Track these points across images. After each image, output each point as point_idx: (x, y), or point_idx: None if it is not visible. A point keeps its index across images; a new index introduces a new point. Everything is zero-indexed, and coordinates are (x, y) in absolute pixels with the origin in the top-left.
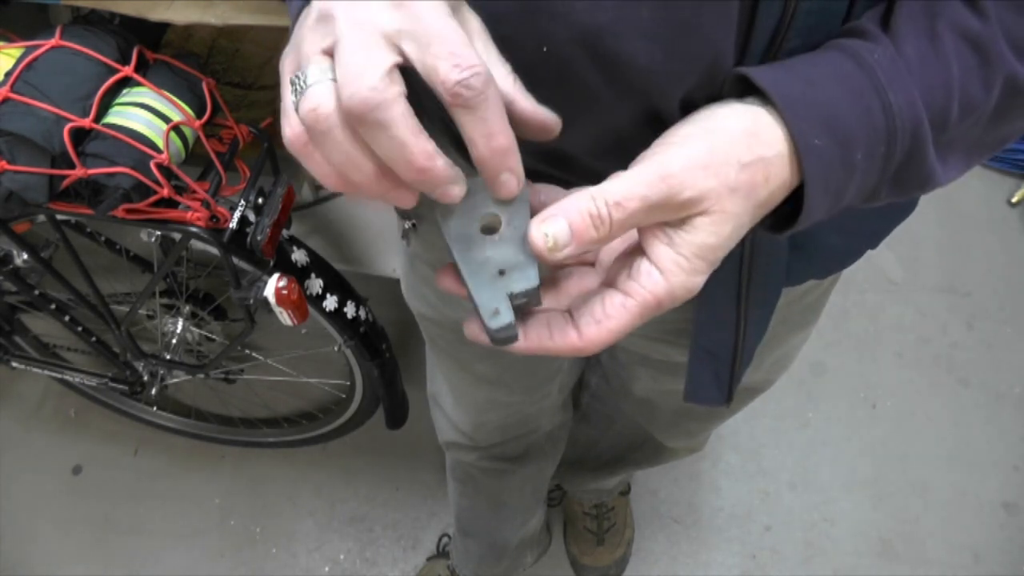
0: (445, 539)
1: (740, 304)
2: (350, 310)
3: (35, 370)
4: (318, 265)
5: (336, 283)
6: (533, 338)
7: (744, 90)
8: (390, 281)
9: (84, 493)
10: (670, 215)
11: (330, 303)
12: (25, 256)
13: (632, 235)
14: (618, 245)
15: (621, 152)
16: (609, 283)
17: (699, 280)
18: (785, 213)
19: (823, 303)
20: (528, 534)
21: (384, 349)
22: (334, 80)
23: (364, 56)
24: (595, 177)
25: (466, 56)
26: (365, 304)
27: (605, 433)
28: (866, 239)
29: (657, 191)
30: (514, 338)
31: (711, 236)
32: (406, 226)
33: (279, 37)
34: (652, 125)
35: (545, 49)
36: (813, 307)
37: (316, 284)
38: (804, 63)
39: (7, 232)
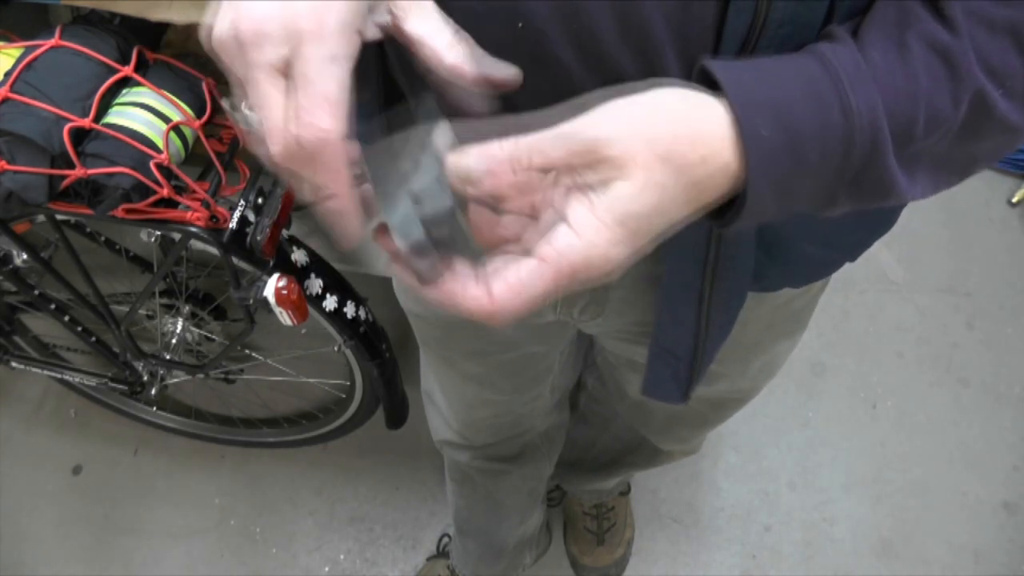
0: (445, 539)
1: (702, 305)
2: (350, 310)
3: (35, 370)
4: (318, 265)
5: (336, 283)
6: (446, 289)
7: (709, 87)
8: (390, 281)
9: (84, 493)
10: (592, 172)
11: (330, 303)
12: (25, 256)
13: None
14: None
15: None
16: (528, 248)
17: (619, 251)
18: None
19: (810, 311)
20: (526, 534)
21: (384, 349)
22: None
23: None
24: None
25: (315, 114)
26: (365, 304)
27: (602, 434)
28: (843, 251)
29: (579, 142)
30: (433, 268)
31: (633, 202)
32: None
33: None
34: None
35: (520, 25)
36: (799, 315)
37: (316, 284)
38: (767, 60)
39: (7, 232)
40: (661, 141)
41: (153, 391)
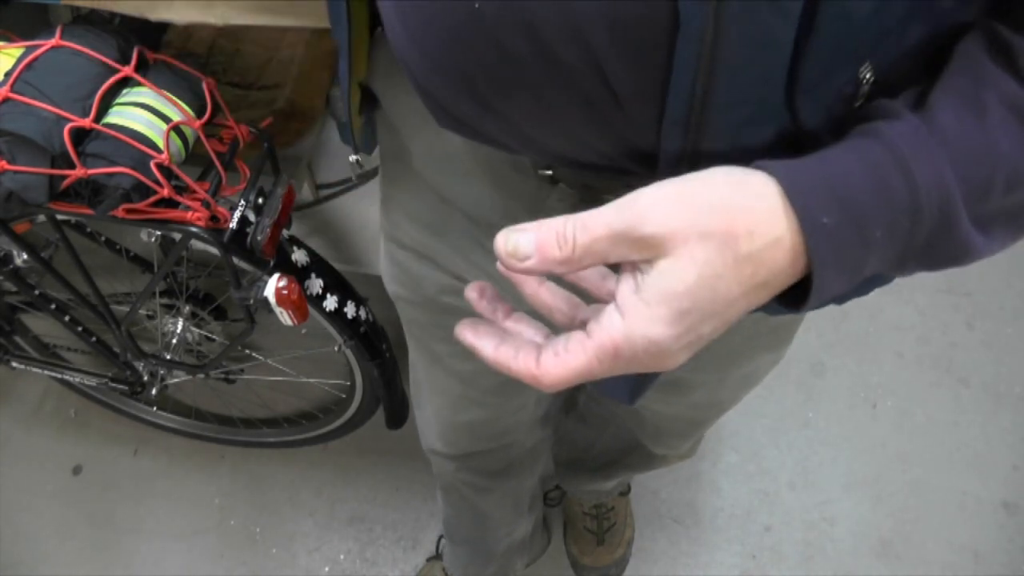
0: (443, 540)
1: None
2: (350, 310)
3: (35, 370)
4: (318, 265)
5: (336, 283)
6: (502, 352)
7: None
8: None
9: (84, 493)
10: (636, 252)
11: (330, 303)
12: (25, 256)
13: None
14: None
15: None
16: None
17: (660, 331)
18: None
19: (795, 327)
20: (515, 541)
21: (384, 349)
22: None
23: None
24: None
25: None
26: (365, 304)
27: (601, 435)
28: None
29: (620, 221)
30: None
31: (674, 281)
32: (351, 159)
33: (279, 37)
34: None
35: (476, 6)
36: (781, 330)
37: (316, 284)
38: (817, 152)
39: (7, 232)
40: (701, 216)
41: (153, 391)
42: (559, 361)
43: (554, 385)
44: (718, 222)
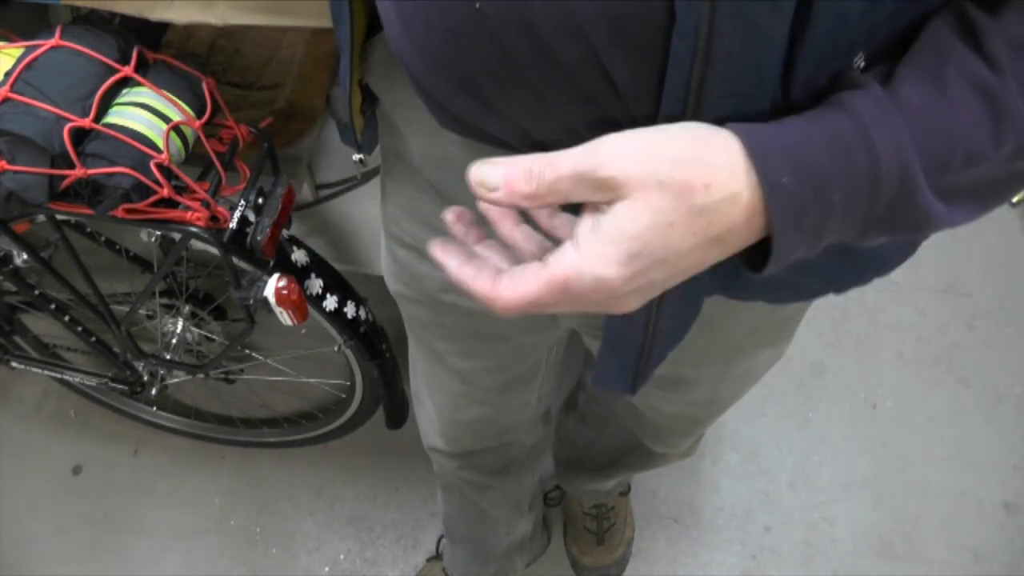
0: (443, 540)
1: (651, 310)
2: (350, 310)
3: (35, 370)
4: (318, 265)
5: (336, 283)
6: (464, 270)
7: None
8: None
9: (84, 493)
10: (596, 193)
11: (330, 303)
12: (25, 256)
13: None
14: None
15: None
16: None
17: (609, 270)
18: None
19: (796, 321)
20: (514, 541)
21: (384, 349)
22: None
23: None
24: None
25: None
26: (365, 304)
27: (601, 435)
28: (825, 281)
29: (584, 162)
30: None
31: (627, 223)
32: (354, 158)
33: (279, 37)
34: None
35: (477, 6)
36: (784, 325)
37: (316, 284)
38: (783, 119)
39: (7, 232)
40: (661, 165)
41: (153, 391)
42: (513, 285)
43: (507, 308)
44: (677, 173)
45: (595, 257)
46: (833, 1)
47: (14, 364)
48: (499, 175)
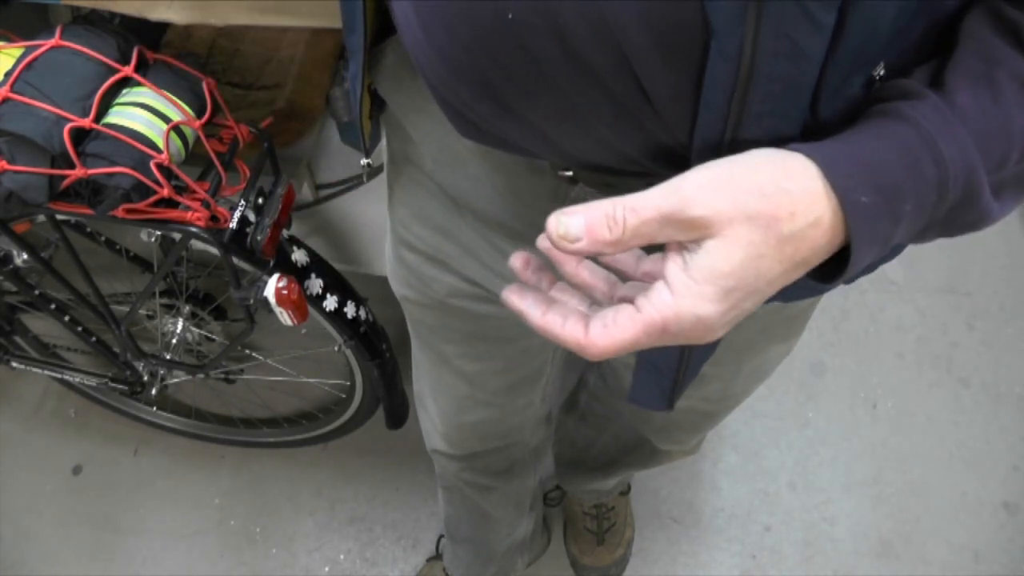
0: (443, 540)
1: None
2: (350, 310)
3: (35, 370)
4: (318, 265)
5: (336, 283)
6: (550, 319)
7: None
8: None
9: (84, 493)
10: (683, 233)
11: (330, 303)
12: (25, 256)
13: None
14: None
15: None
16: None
17: (708, 308)
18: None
19: (806, 317)
20: (515, 541)
21: (384, 349)
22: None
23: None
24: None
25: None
26: (365, 304)
27: (602, 434)
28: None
29: (669, 203)
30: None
31: (720, 260)
32: (363, 163)
33: (279, 37)
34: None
35: (510, 16)
36: (795, 320)
37: (316, 284)
38: (846, 132)
39: (7, 232)
40: (748, 199)
41: (153, 391)
42: (607, 332)
43: (600, 355)
44: (763, 205)
45: (692, 297)
46: (865, 12)
47: (14, 364)
48: (580, 225)
